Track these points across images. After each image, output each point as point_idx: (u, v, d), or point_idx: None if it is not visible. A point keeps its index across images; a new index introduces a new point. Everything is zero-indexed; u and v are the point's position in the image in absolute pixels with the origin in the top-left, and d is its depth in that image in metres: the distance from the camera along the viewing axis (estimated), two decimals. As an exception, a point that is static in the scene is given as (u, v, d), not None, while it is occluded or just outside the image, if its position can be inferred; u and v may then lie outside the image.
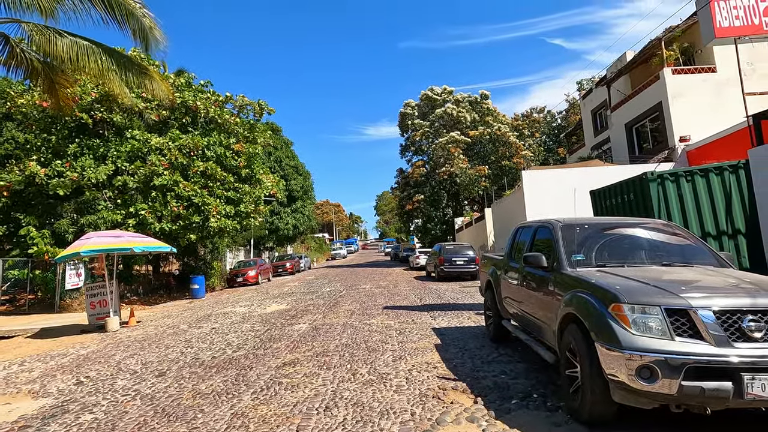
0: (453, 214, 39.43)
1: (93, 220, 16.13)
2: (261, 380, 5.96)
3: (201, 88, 20.96)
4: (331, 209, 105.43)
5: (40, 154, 16.74)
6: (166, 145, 17.74)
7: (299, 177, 40.39)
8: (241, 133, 21.23)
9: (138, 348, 8.81)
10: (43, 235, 15.79)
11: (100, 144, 17.23)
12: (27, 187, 16.20)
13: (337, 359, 6.83)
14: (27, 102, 16.54)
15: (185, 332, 10.28)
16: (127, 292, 18.71)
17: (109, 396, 5.71)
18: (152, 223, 16.85)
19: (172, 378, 6.37)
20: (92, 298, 11.88)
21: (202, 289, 19.82)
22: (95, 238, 11.32)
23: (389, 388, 5.33)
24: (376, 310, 11.78)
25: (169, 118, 19.59)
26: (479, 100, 40.44)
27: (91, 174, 16.17)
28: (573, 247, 5.06)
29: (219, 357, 7.50)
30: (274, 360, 7.04)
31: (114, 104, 17.30)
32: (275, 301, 15.37)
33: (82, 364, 7.74)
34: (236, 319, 11.74)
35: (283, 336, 8.98)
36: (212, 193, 18.58)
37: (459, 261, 20.04)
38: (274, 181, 23.53)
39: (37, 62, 13.58)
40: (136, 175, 17.00)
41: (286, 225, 38.99)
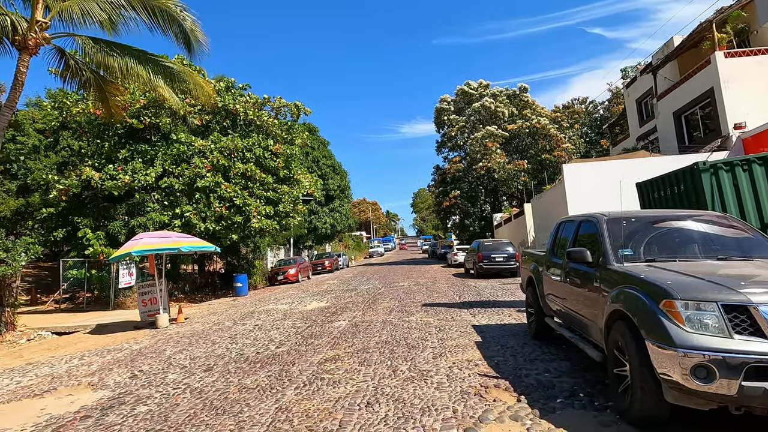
0: (491, 210, 38.81)
1: (142, 221, 16.90)
2: (303, 376, 6.08)
3: (240, 92, 21.54)
4: (368, 207, 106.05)
5: (94, 159, 17.68)
6: (208, 147, 18.36)
7: (336, 176, 40.86)
8: (279, 134, 21.68)
9: (186, 344, 9.17)
10: (98, 236, 16.67)
11: (148, 148, 18.02)
12: (83, 191, 17.15)
13: (377, 356, 6.87)
14: (81, 111, 17.49)
15: (230, 329, 10.62)
16: (175, 290, 19.50)
17: (161, 389, 5.98)
18: (197, 224, 17.48)
19: (218, 373, 6.59)
20: (143, 296, 12.46)
21: (245, 287, 20.39)
22: (145, 239, 11.86)
23: (430, 385, 5.31)
24: (414, 308, 11.76)
25: (210, 121, 20.26)
26: (517, 94, 39.58)
27: (141, 177, 16.94)
28: (620, 241, 4.87)
29: (263, 353, 7.70)
30: (315, 356, 7.16)
31: (160, 110, 18.06)
32: (315, 299, 15.63)
33: (135, 358, 8.13)
34: (278, 316, 12.01)
35: (324, 333, 9.11)
36: (252, 193, 19.07)
37: (498, 257, 19.71)
38: (311, 180, 23.90)
39: (90, 73, 14.35)
40: (181, 177, 17.69)
41: (324, 224, 39.55)
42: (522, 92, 39.61)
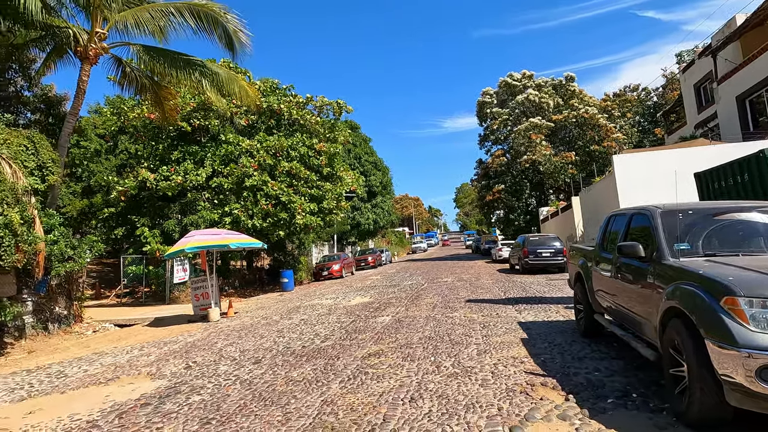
0: (537, 204, 37.79)
1: (194, 219, 17.68)
2: (348, 370, 6.17)
3: (284, 92, 22.05)
4: (410, 203, 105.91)
5: (149, 161, 18.65)
6: (255, 147, 18.93)
7: (378, 172, 41.06)
8: (322, 132, 22.02)
9: (236, 337, 9.52)
10: (154, 234, 17.59)
11: (199, 149, 18.81)
12: (140, 192, 18.13)
13: (421, 351, 6.86)
14: (137, 116, 18.47)
15: (277, 323, 10.93)
16: (225, 285, 20.28)
17: (213, 380, 6.24)
18: (245, 221, 18.10)
19: (266, 365, 6.81)
20: (196, 291, 13.04)
21: (291, 282, 20.91)
22: (197, 236, 12.40)
23: (474, 381, 5.25)
24: (458, 303, 11.66)
25: (256, 121, 20.87)
26: (563, 83, 38.23)
27: (192, 177, 17.71)
28: (675, 235, 4.62)
29: (308, 347, 7.87)
30: (359, 350, 7.24)
31: (209, 112, 18.79)
32: (359, 294, 15.80)
33: (189, 350, 8.53)
34: (323, 311, 12.24)
35: (368, 328, 9.20)
36: (297, 191, 19.50)
37: (545, 253, 19.18)
38: (354, 177, 24.13)
39: (145, 79, 15.11)
40: (230, 176, 18.34)
41: (366, 220, 39.88)
42: (568, 82, 38.22)
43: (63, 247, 11.22)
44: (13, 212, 9.02)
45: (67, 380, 6.96)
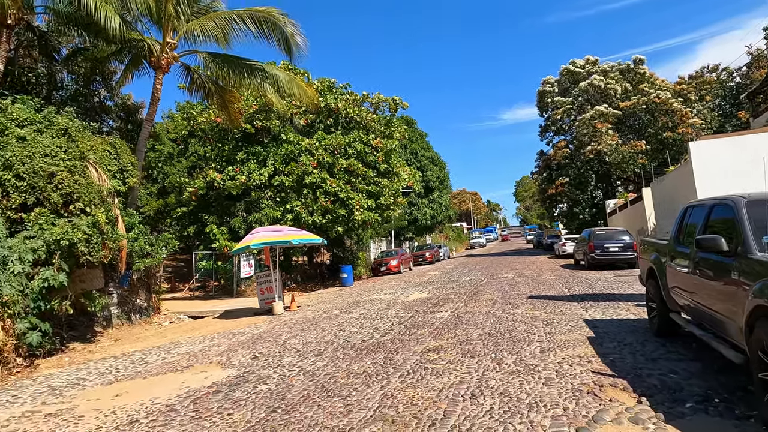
0: (603, 197, 35.86)
1: (258, 216, 18.46)
2: (407, 364, 6.20)
3: (341, 91, 22.43)
4: (468, 198, 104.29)
5: (216, 162, 19.68)
6: (314, 145, 19.44)
7: (435, 167, 40.75)
8: (379, 129, 22.19)
9: (299, 330, 9.85)
10: (222, 231, 18.57)
11: (261, 149, 19.60)
12: (209, 191, 19.19)
13: (481, 348, 6.75)
14: (205, 120, 19.54)
15: (337, 317, 11.18)
16: (288, 280, 21.02)
17: (278, 370, 6.50)
18: (305, 218, 18.65)
19: (328, 358, 6.99)
20: (261, 285, 13.63)
21: (350, 277, 21.30)
22: (261, 233, 12.95)
23: (538, 380, 5.10)
24: (519, 300, 11.35)
25: (314, 121, 21.40)
26: (631, 67, 35.90)
27: (256, 176, 18.49)
28: (764, 226, 4.21)
29: (368, 341, 7.99)
30: (418, 346, 7.25)
31: (270, 113, 19.51)
32: (417, 290, 15.81)
33: (256, 341, 8.94)
34: (382, 306, 12.37)
35: (426, 323, 9.19)
36: (355, 187, 19.81)
37: (612, 247, 18.19)
38: (410, 173, 24.12)
39: (211, 85, 15.94)
40: (290, 175, 18.96)
41: (424, 215, 39.74)
42: (637, 65, 35.85)
43: (142, 244, 12.12)
44: (99, 212, 9.86)
45: (148, 367, 7.53)
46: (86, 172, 10.29)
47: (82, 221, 9.45)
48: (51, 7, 13.15)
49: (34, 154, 9.47)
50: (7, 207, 9.16)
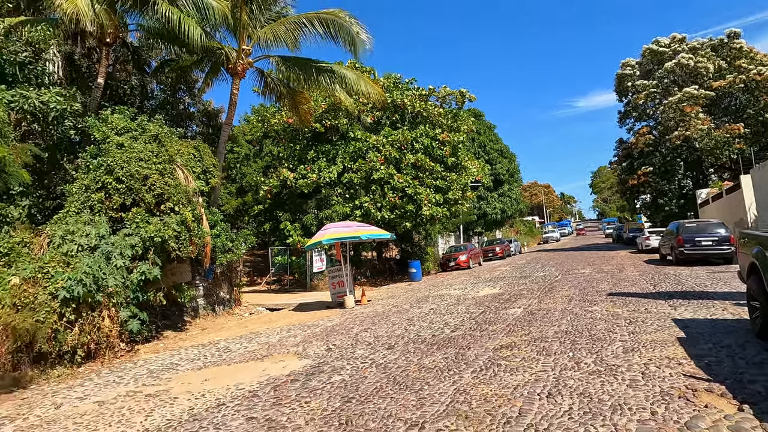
0: (693, 186, 32.90)
1: (329, 213, 19.03)
2: (479, 360, 6.11)
3: (407, 86, 22.46)
4: (539, 191, 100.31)
5: (289, 162, 20.53)
6: (381, 142, 19.66)
7: (504, 160, 39.62)
8: (445, 123, 21.98)
9: (370, 323, 10.04)
10: (295, 228, 19.36)
11: (330, 148, 20.15)
12: (282, 190, 20.08)
13: (557, 346, 6.49)
14: (278, 121, 20.42)
15: (407, 311, 11.25)
16: (357, 274, 21.48)
17: (351, 362, 6.67)
18: (374, 213, 18.94)
19: (399, 351, 7.06)
20: (333, 279, 14.04)
21: (418, 272, 21.34)
22: (332, 229, 13.33)
23: (621, 381, 4.81)
24: (598, 297, 10.75)
25: (381, 117, 21.62)
26: (725, 42, 32.47)
27: (326, 174, 19.06)
28: None
29: (438, 335, 7.97)
30: (490, 342, 7.12)
31: (338, 112, 19.99)
32: (487, 285, 15.49)
33: (329, 334, 9.24)
34: (451, 301, 12.27)
35: (498, 319, 8.99)
36: (423, 182, 19.78)
37: (705, 241, 16.64)
38: (479, 166, 23.65)
39: (282, 87, 16.64)
40: (359, 171, 19.32)
41: (493, 209, 38.81)
42: (732, 39, 32.36)
43: (224, 240, 12.94)
44: (186, 211, 10.66)
45: (232, 355, 8.05)
46: (174, 174, 11.16)
47: (172, 219, 10.27)
48: (142, 25, 14.38)
49: (130, 159, 10.43)
50: (109, 207, 10.17)
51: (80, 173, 10.85)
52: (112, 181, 10.17)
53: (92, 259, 8.73)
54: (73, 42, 13.91)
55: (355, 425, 4.27)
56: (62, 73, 13.32)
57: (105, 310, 8.60)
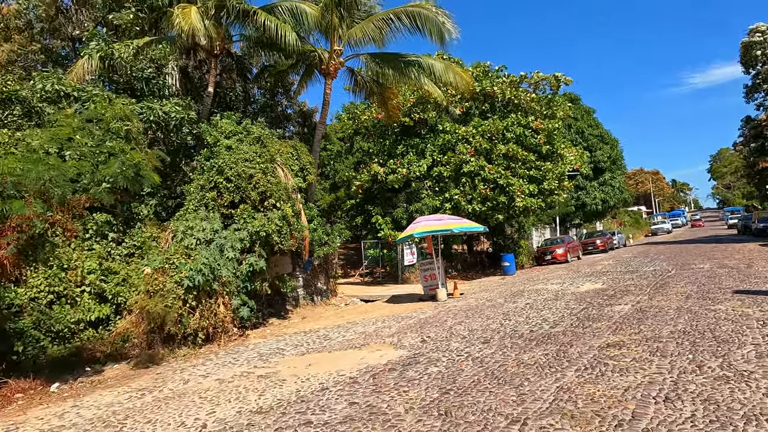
0: None
1: (418, 206, 19.12)
2: (584, 359, 5.78)
3: (496, 74, 21.75)
4: (646, 178, 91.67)
5: (379, 157, 20.94)
6: (470, 133, 19.29)
7: (605, 146, 36.78)
8: (539, 110, 20.97)
9: (464, 317, 9.95)
10: (386, 221, 19.73)
11: (419, 141, 20.20)
12: (373, 185, 20.55)
13: (674, 347, 5.92)
14: (368, 117, 20.91)
15: (502, 305, 10.97)
16: (448, 268, 21.34)
17: (446, 354, 6.68)
18: (464, 206, 18.67)
19: (495, 346, 6.92)
20: (424, 272, 14.12)
21: (512, 266, 20.66)
22: (423, 222, 13.39)
23: (756, 389, 4.27)
24: (721, 294, 9.60)
25: (470, 108, 21.18)
26: None
27: (415, 168, 19.15)
28: None
29: (537, 331, 7.67)
30: (595, 340, 6.70)
31: (427, 105, 19.96)
32: (588, 280, 14.56)
33: (423, 325, 9.31)
34: (549, 296, 11.72)
35: (602, 316, 8.42)
36: (515, 173, 19.10)
37: None
38: (576, 154, 22.28)
39: (372, 84, 17.01)
40: (448, 165, 19.15)
41: (593, 200, 36.27)
42: None
43: (321, 234, 13.60)
44: (287, 207, 11.36)
45: (332, 342, 8.46)
46: (275, 172, 11.93)
47: (274, 215, 11.02)
48: (244, 35, 15.52)
49: (237, 160, 11.35)
50: (221, 205, 11.18)
51: (196, 174, 12.06)
52: (223, 180, 11.15)
53: (209, 252, 9.67)
54: (186, 56, 15.42)
55: (454, 417, 4.28)
56: (179, 85, 14.82)
57: (220, 298, 9.50)
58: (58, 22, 15.17)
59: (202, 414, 5.04)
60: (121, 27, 14.21)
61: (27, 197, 6.12)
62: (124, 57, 12.32)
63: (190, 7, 12.48)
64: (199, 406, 5.33)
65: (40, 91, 11.17)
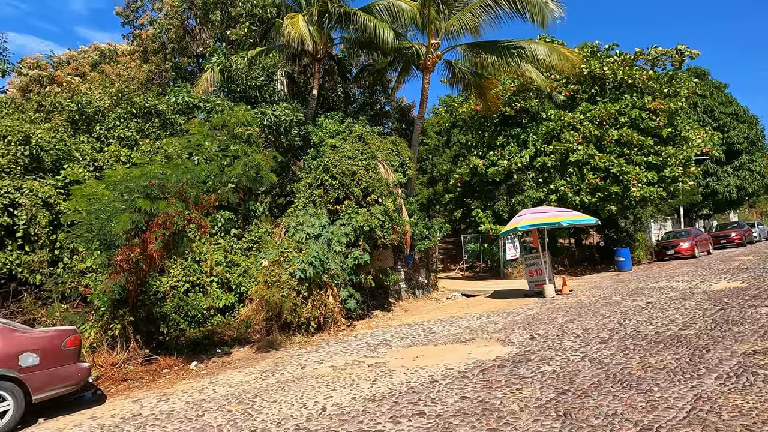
0: None
1: (521, 199, 18.35)
2: (725, 366, 5.13)
3: (606, 53, 20.04)
4: (794, 160, 78.26)
5: (478, 149, 20.46)
6: (577, 119, 18.03)
7: (741, 125, 32.06)
8: (657, 88, 18.93)
9: (576, 314, 9.36)
10: (486, 215, 19.26)
11: (521, 131, 19.36)
12: (472, 177, 20.15)
13: None
14: (465, 110, 20.52)
15: (618, 304, 10.13)
16: (554, 263, 20.23)
17: (560, 353, 6.34)
18: (571, 197, 17.53)
19: (615, 347, 6.41)
20: (530, 267, 13.54)
21: (627, 261, 18.98)
22: (528, 215, 12.84)
23: None
24: None
25: (577, 92, 19.78)
26: None
27: (517, 160, 18.40)
28: None
29: (663, 333, 6.96)
30: (738, 345, 5.90)
31: (528, 93, 19.05)
32: (723, 278, 12.86)
33: (531, 322, 8.94)
34: (674, 295, 10.57)
35: (745, 319, 7.38)
36: (630, 160, 17.49)
37: None
38: (705, 136, 19.78)
39: (469, 75, 16.67)
40: (553, 154, 18.11)
41: (725, 187, 31.87)
42: None
43: (421, 228, 13.67)
44: (388, 201, 11.60)
45: (437, 336, 8.48)
46: (377, 168, 12.23)
47: (376, 210, 11.31)
48: (344, 37, 16.11)
49: (341, 158, 11.84)
50: (327, 201, 11.76)
51: (303, 173, 12.81)
52: (328, 178, 11.71)
53: (318, 246, 10.23)
54: (292, 63, 16.40)
55: (575, 419, 4.05)
56: (286, 90, 15.84)
57: (329, 289, 10.02)
58: (185, 42, 17.02)
59: (321, 398, 5.36)
60: (237, 41, 15.54)
61: (169, 198, 6.98)
62: (240, 68, 13.48)
63: (298, 15, 13.25)
64: (317, 390, 5.67)
65: (173, 104, 12.67)
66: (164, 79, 17.90)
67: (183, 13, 16.65)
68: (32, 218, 8.94)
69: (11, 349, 5.20)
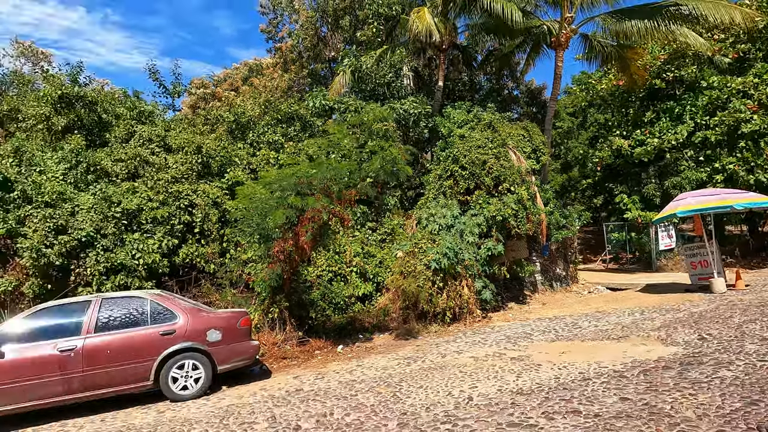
0: None
1: (677, 181, 16.15)
2: None
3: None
4: None
5: (621, 128, 18.48)
6: (750, 83, 15.22)
7: None
8: None
9: (758, 313, 7.96)
10: (633, 201, 17.36)
11: (674, 104, 17.00)
12: (615, 160, 18.31)
13: None
14: (605, 86, 18.68)
15: (818, 302, 8.38)
16: (723, 253, 17.43)
17: (741, 357, 5.46)
18: (743, 177, 14.90)
19: (820, 353, 5.31)
20: (692, 258, 11.87)
21: (824, 252, 15.57)
22: (688, 199, 11.23)
23: None
24: None
25: (747, 51, 16.69)
26: None
27: (670, 136, 16.22)
28: None
29: None
30: None
31: (682, 60, 16.64)
32: None
33: (698, 321, 7.84)
34: None
35: None
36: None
37: None
38: None
39: (609, 47, 15.14)
40: (717, 127, 15.57)
41: None
42: None
43: (558, 217, 12.86)
44: (521, 190, 11.10)
45: (583, 331, 7.91)
46: (508, 156, 11.78)
47: (509, 199, 10.91)
48: (469, 24, 15.80)
49: (470, 148, 11.65)
50: (457, 192, 11.68)
51: (433, 165, 12.91)
52: (458, 168, 11.62)
53: (450, 236, 10.24)
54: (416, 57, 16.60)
55: (773, 434, 3.46)
56: (412, 84, 16.09)
57: (463, 280, 9.97)
58: (318, 48, 18.30)
59: (465, 387, 5.37)
60: (365, 41, 16.22)
61: (316, 194, 7.59)
62: (369, 67, 14.03)
63: (423, 8, 13.35)
64: (461, 379, 5.69)
65: (311, 108, 13.71)
66: (302, 86, 19.49)
67: (316, 22, 17.90)
68: (206, 216, 10.45)
69: (200, 326, 6.14)
